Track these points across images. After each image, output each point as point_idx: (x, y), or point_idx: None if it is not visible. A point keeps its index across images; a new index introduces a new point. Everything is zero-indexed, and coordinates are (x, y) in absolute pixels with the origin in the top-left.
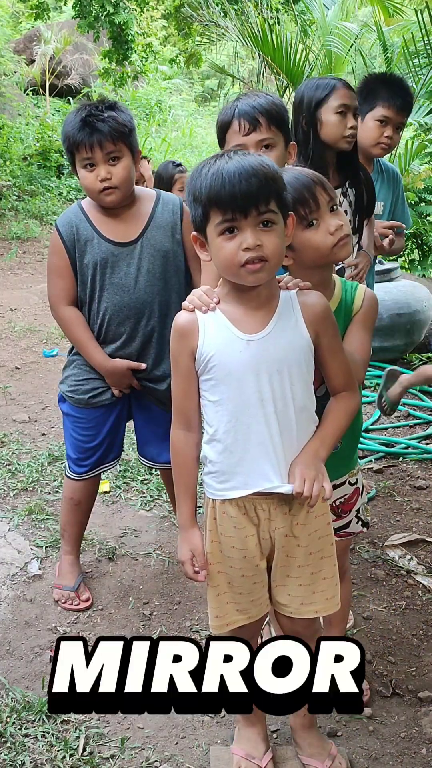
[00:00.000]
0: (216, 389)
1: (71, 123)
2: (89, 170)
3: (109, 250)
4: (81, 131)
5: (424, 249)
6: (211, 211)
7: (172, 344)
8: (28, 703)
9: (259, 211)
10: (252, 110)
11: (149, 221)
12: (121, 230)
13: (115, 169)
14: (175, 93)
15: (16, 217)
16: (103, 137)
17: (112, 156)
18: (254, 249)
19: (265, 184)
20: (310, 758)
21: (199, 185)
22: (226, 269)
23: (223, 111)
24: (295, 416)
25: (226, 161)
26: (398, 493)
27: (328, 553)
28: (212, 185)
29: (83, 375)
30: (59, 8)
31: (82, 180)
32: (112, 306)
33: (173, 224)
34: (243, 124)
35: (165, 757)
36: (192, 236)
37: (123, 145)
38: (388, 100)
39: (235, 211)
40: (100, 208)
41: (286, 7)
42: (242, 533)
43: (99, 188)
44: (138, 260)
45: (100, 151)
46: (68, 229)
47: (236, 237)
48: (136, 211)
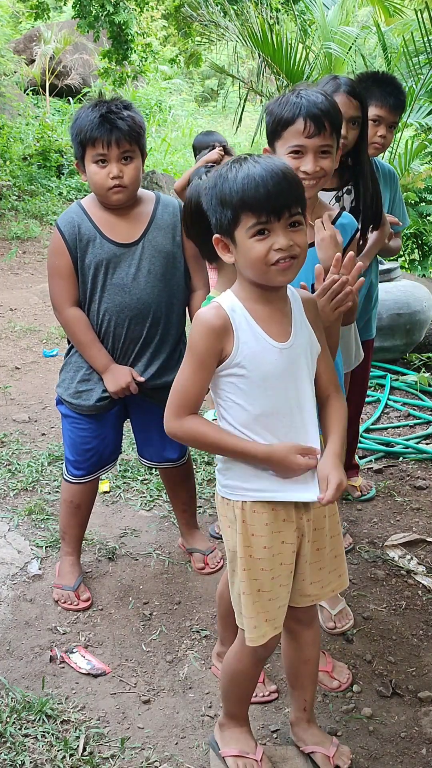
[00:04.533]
0: (248, 393)
1: (88, 117)
2: (101, 166)
3: (111, 251)
4: (100, 127)
5: (424, 249)
6: (242, 215)
7: (198, 339)
8: (28, 703)
9: (291, 213)
10: (319, 113)
11: (150, 222)
12: (123, 231)
13: (127, 169)
14: (175, 93)
15: (16, 217)
16: (122, 136)
17: (126, 155)
18: (287, 249)
19: (295, 188)
20: (315, 746)
21: (227, 189)
22: (256, 269)
23: (282, 104)
24: (310, 416)
25: (253, 165)
26: (398, 493)
27: (338, 531)
28: (245, 189)
29: (80, 377)
30: (59, 8)
31: (92, 175)
32: (113, 306)
33: (174, 226)
34: (309, 126)
35: (165, 757)
36: (214, 239)
37: (137, 146)
38: (380, 100)
39: (270, 213)
40: (101, 207)
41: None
42: (274, 528)
43: (109, 185)
44: (139, 261)
45: (117, 149)
46: (70, 229)
47: (268, 238)
48: (137, 212)
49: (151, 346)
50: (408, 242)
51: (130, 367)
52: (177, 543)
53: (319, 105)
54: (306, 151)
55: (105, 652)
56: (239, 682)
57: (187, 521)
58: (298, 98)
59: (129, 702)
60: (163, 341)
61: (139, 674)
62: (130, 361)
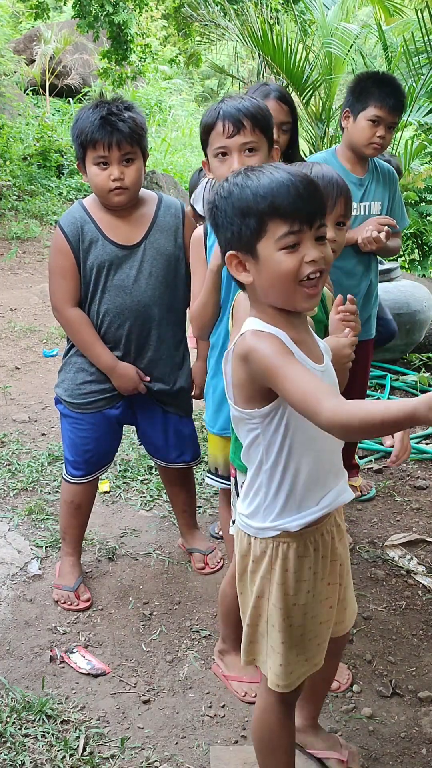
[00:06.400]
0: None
1: (89, 119)
2: (102, 168)
3: (113, 253)
4: (101, 129)
5: (424, 249)
6: (270, 223)
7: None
8: (28, 703)
9: (321, 223)
10: (237, 113)
11: (152, 224)
12: (125, 232)
13: (129, 171)
14: (175, 93)
15: (16, 217)
16: (123, 138)
17: (127, 157)
18: (319, 262)
19: (322, 195)
20: (327, 750)
21: (250, 196)
22: (283, 287)
23: (208, 112)
24: None
25: (275, 170)
26: (398, 493)
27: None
28: (275, 194)
29: (80, 378)
30: (59, 8)
31: (93, 177)
32: (113, 308)
33: (176, 228)
34: (227, 126)
35: (165, 757)
36: (228, 256)
37: (138, 148)
38: (380, 100)
39: (303, 221)
40: (103, 208)
41: (286, 7)
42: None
43: (110, 187)
44: (140, 263)
45: (118, 151)
46: (73, 229)
47: (298, 251)
48: (139, 213)
49: (149, 347)
50: (408, 242)
51: None
52: (177, 543)
53: (237, 106)
54: (230, 152)
55: (105, 652)
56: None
57: (187, 521)
58: (221, 104)
59: (129, 702)
60: (162, 343)
61: (139, 674)
62: (131, 362)
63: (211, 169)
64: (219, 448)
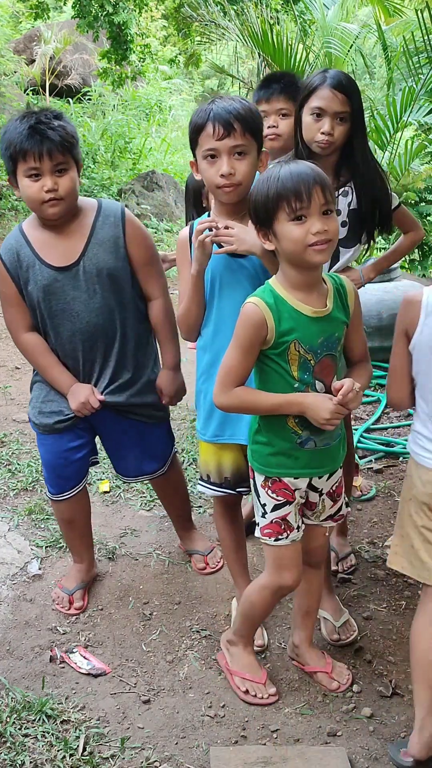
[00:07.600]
0: None
1: (16, 130)
2: (34, 180)
3: (51, 276)
4: (30, 139)
5: (424, 249)
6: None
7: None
8: (28, 703)
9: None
10: (227, 115)
11: (90, 238)
12: (62, 251)
13: (62, 181)
14: (175, 93)
15: (16, 217)
16: (54, 146)
17: (60, 167)
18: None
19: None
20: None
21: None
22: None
23: (197, 112)
24: None
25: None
26: (398, 493)
27: None
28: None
29: (43, 398)
30: (59, 8)
31: (26, 189)
32: (64, 332)
33: (115, 239)
34: (217, 129)
35: (165, 757)
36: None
37: (70, 157)
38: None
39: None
40: (40, 227)
41: (286, 7)
42: None
43: (43, 198)
44: (84, 283)
45: (49, 162)
46: (10, 257)
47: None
48: (77, 226)
49: (110, 364)
50: None
51: (94, 386)
52: (177, 543)
53: (228, 108)
54: (219, 154)
55: (105, 652)
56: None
57: (183, 525)
58: (210, 105)
59: (129, 702)
60: (123, 357)
61: (139, 674)
62: (94, 380)
63: (200, 170)
64: (210, 455)
